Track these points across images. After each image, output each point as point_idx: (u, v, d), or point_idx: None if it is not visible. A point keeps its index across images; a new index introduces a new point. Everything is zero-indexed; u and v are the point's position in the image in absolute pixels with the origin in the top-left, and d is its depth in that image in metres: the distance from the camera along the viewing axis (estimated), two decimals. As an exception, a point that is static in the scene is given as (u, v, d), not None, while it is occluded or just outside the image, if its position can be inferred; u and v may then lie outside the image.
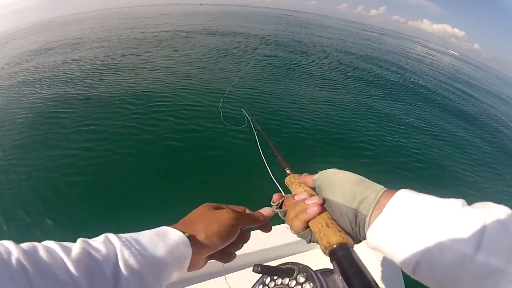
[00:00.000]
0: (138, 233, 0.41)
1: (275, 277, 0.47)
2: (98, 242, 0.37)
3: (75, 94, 5.76)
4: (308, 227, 0.46)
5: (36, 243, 0.33)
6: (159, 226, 0.45)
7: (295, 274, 0.45)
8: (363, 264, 0.36)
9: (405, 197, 0.38)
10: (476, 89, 15.40)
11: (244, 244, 0.55)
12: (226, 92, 4.80)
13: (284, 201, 0.53)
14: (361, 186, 0.44)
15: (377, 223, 0.38)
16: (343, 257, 0.37)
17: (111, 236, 0.39)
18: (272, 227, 1.22)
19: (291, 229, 0.48)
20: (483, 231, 0.30)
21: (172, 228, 0.44)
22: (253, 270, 0.43)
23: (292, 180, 0.58)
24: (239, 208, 0.55)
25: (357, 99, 6.97)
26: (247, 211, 0.56)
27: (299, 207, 0.47)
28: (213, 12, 46.27)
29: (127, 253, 0.36)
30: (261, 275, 0.49)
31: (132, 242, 0.38)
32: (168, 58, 9.06)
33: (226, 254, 0.52)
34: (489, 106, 11.21)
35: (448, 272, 0.31)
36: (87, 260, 0.33)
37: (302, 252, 1.24)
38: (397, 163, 4.45)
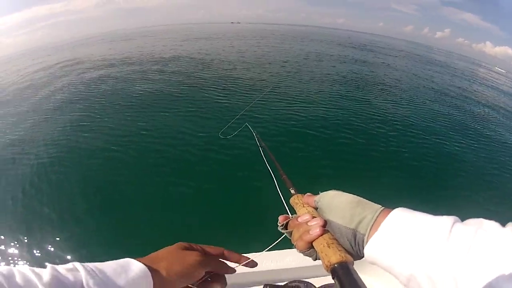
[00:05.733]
0: (102, 263, 0.44)
1: None
2: (66, 270, 0.40)
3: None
4: (313, 247, 0.48)
5: (12, 268, 0.38)
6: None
7: None
8: (361, 280, 0.39)
9: (399, 216, 0.42)
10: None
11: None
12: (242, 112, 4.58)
13: (289, 222, 0.55)
14: (359, 208, 0.47)
15: (373, 241, 0.41)
16: (342, 275, 0.40)
17: (78, 265, 0.41)
18: (284, 250, 1.22)
19: (297, 248, 0.51)
20: (469, 249, 0.33)
21: (135, 261, 0.46)
22: None
23: (296, 200, 0.61)
24: (216, 250, 0.56)
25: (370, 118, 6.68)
26: (226, 253, 0.57)
27: (302, 229, 0.50)
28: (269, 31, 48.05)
29: (91, 282, 0.39)
30: None
31: (96, 272, 0.41)
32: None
33: None
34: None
35: (436, 285, 0.34)
36: (57, 286, 0.37)
37: (312, 277, 1.24)
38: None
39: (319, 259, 0.48)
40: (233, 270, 0.57)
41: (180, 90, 7.91)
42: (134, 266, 0.45)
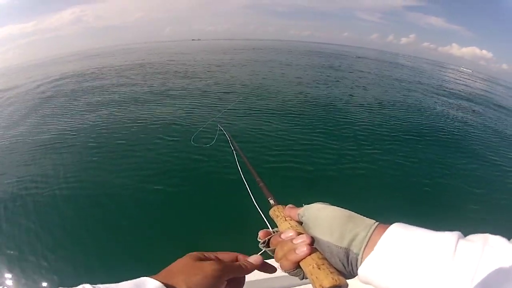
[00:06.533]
0: (115, 284, 0.39)
1: None
2: None
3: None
4: (299, 266, 0.43)
5: None
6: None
7: None
8: None
9: (397, 233, 0.38)
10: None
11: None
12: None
13: (271, 239, 0.49)
14: (351, 223, 0.42)
15: (369, 261, 0.38)
16: None
17: (88, 286, 0.37)
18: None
19: (281, 268, 0.46)
20: (477, 267, 0.30)
21: (151, 279, 0.41)
22: None
23: (276, 213, 0.54)
24: (229, 255, 0.51)
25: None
26: (240, 257, 0.52)
27: (287, 247, 0.44)
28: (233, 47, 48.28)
29: None
30: None
31: None
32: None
33: None
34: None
35: None
36: None
37: (300, 285, 1.20)
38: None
39: (307, 279, 0.44)
40: (266, 264, 0.51)
41: (150, 104, 7.99)
42: (150, 285, 0.40)
